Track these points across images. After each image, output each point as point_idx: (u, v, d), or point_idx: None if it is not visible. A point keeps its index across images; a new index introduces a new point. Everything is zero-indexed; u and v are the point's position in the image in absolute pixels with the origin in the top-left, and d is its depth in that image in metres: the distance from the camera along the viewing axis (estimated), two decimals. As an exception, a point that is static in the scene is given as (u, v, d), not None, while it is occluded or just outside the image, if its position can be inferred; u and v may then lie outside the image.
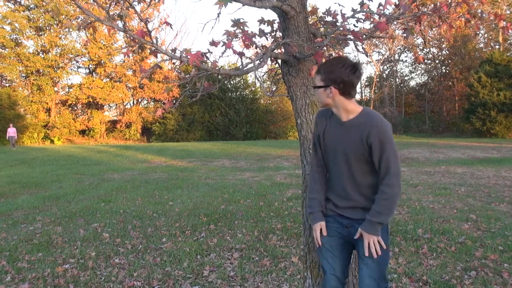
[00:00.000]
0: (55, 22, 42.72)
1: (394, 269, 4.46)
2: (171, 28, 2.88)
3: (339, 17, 3.18)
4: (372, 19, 3.12)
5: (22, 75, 44.30)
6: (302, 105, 2.95)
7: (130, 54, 2.72)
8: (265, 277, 4.40)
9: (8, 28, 42.37)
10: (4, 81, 45.04)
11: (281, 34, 3.13)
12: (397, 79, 55.61)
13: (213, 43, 2.82)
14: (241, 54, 2.81)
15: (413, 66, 54.39)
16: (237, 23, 2.79)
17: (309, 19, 3.12)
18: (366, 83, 58.17)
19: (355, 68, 2.42)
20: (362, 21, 3.15)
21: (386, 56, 53.73)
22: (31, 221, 7.02)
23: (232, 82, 46.74)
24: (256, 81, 45.18)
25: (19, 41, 43.23)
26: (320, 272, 2.92)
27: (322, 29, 3.28)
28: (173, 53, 2.57)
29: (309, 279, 2.98)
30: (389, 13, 3.10)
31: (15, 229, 6.55)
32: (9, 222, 6.97)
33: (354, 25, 3.21)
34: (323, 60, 2.91)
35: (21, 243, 5.73)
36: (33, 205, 8.37)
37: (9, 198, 9.28)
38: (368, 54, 48.94)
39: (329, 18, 3.32)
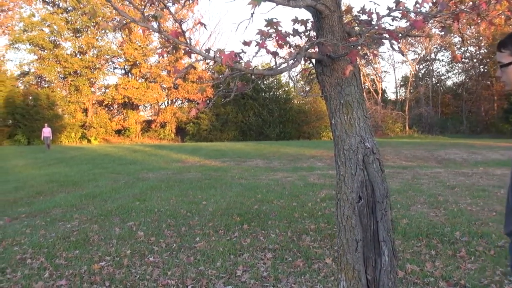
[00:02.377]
0: (92, 24, 43.61)
1: (430, 273, 4.37)
2: (205, 28, 2.88)
3: (374, 16, 3.12)
4: (408, 18, 3.06)
5: (60, 76, 45.43)
6: (337, 105, 2.92)
7: (165, 55, 2.74)
8: (298, 278, 4.37)
9: (47, 30, 43.50)
10: (43, 82, 46.23)
11: (315, 34, 3.10)
12: (434, 79, 54.71)
13: (247, 43, 2.81)
14: (274, 54, 2.79)
15: (450, 65, 53.42)
16: (270, 22, 2.77)
17: (344, 18, 3.08)
18: (401, 83, 57.39)
19: None
20: (398, 19, 3.09)
21: (422, 55, 52.86)
22: (68, 219, 7.17)
23: (265, 82, 46.81)
24: (290, 81, 45.09)
25: (58, 42, 44.37)
26: (355, 274, 2.87)
27: (357, 28, 3.24)
28: (207, 53, 2.58)
29: (343, 281, 2.94)
30: (426, 11, 3.04)
31: (53, 226, 6.70)
32: (47, 220, 7.14)
33: (389, 23, 3.15)
34: (358, 60, 2.87)
35: (59, 240, 5.85)
36: (71, 203, 8.55)
37: (47, 196, 9.51)
38: (404, 54, 48.21)
39: (364, 17, 3.26)
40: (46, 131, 28.91)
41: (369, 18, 3.19)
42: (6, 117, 39.39)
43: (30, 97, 41.12)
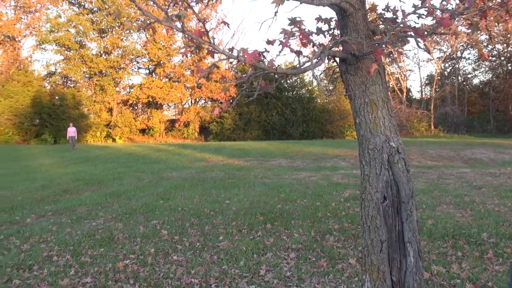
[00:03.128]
0: (117, 24, 44.09)
1: (457, 274, 4.30)
2: (228, 27, 2.88)
3: (399, 14, 3.08)
4: (434, 15, 3.01)
5: (86, 76, 46.06)
6: (361, 104, 2.89)
7: (188, 54, 2.74)
8: (322, 278, 4.34)
9: (73, 31, 44.16)
10: (69, 82, 46.97)
11: (339, 32, 3.07)
12: (460, 77, 53.82)
13: (270, 42, 2.80)
14: (298, 53, 2.78)
15: (477, 63, 52.45)
16: (294, 21, 2.75)
17: (368, 16, 3.05)
18: (426, 82, 56.69)
19: None
20: (423, 17, 3.04)
21: (448, 54, 52.09)
22: (93, 217, 7.26)
23: (288, 81, 46.74)
24: (314, 80, 44.96)
25: (83, 43, 45.00)
26: (380, 275, 2.84)
27: (381, 26, 3.20)
28: (230, 52, 2.57)
29: (367, 282, 2.91)
30: (452, 8, 2.98)
31: (78, 224, 6.79)
32: (73, 218, 7.24)
33: (415, 21, 3.10)
34: (382, 58, 2.83)
35: (84, 238, 5.93)
36: (96, 201, 8.65)
37: (73, 195, 9.64)
38: (430, 52, 47.60)
39: (388, 15, 3.22)
40: (71, 131, 29.02)
41: (394, 16, 3.15)
42: (34, 117, 40.16)
43: (57, 97, 41.85)
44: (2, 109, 38.52)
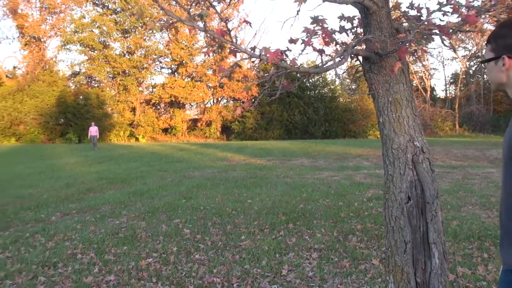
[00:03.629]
0: (140, 24, 44.50)
1: (483, 276, 4.22)
2: (250, 26, 2.87)
3: (423, 11, 3.04)
4: (459, 12, 2.95)
5: (110, 75, 46.61)
6: (385, 103, 2.85)
7: (211, 54, 2.74)
8: (344, 278, 4.31)
9: (96, 31, 44.72)
10: (93, 81, 47.61)
11: (362, 31, 3.03)
12: (485, 76, 52.88)
13: (293, 41, 2.78)
14: (321, 52, 2.75)
15: (503, 61, 51.43)
16: (316, 20, 2.73)
17: (392, 14, 3.01)
18: (451, 80, 55.94)
19: None
20: (449, 14, 2.99)
21: (473, 52, 51.28)
22: (117, 216, 7.33)
23: (310, 80, 46.60)
24: (336, 78, 44.73)
25: (107, 43, 45.54)
26: (404, 276, 2.80)
27: (405, 24, 3.15)
28: (252, 51, 2.56)
29: (391, 283, 2.87)
30: (479, 5, 2.92)
31: (102, 222, 6.86)
32: (97, 216, 7.32)
33: (440, 19, 3.05)
34: (407, 57, 2.79)
35: (108, 237, 5.99)
36: (119, 200, 8.73)
37: (97, 193, 9.75)
38: (455, 49, 46.93)
39: (413, 13, 3.18)
40: (93, 130, 29.08)
41: (419, 14, 3.10)
42: (58, 116, 40.82)
43: (81, 97, 42.51)
44: (28, 109, 39.24)
